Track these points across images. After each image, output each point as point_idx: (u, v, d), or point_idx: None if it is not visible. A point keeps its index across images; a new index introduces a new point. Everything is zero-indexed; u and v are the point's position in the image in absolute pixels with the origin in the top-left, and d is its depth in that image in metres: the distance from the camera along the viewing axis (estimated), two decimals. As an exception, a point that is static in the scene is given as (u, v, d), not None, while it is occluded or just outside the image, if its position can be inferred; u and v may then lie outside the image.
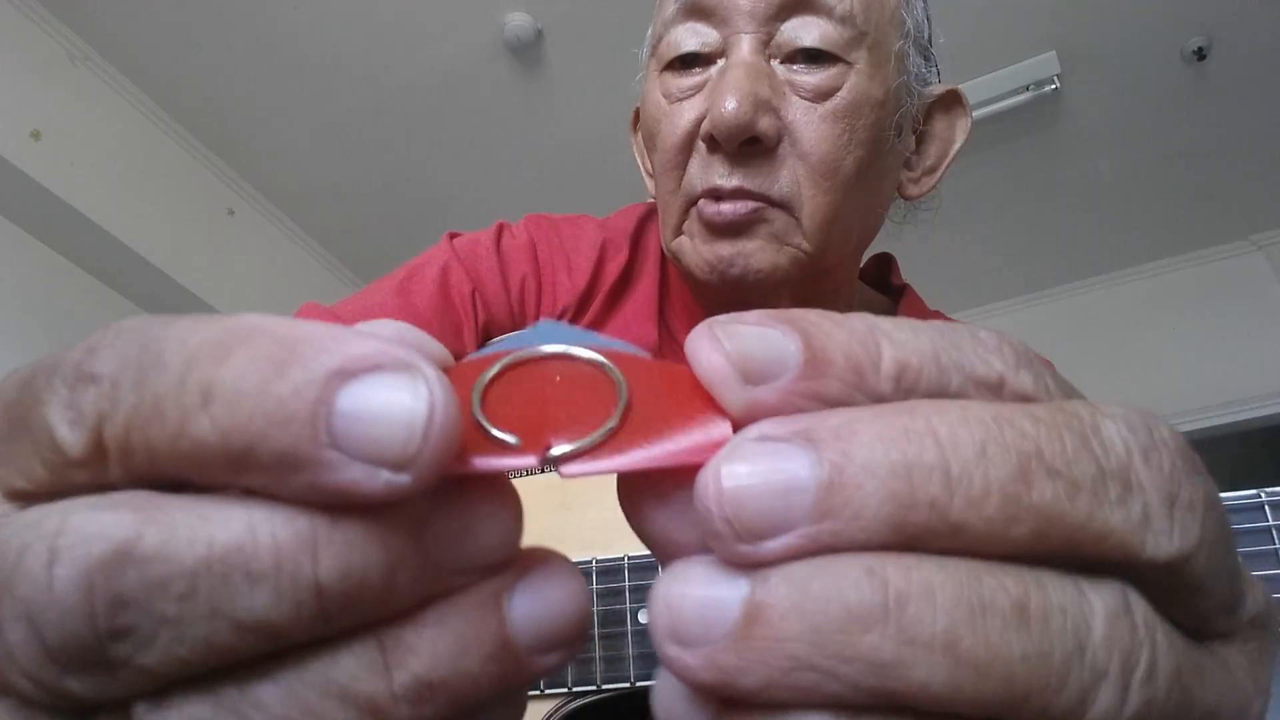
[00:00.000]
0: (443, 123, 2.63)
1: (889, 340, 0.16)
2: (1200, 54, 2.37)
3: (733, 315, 0.17)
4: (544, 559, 0.17)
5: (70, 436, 0.15)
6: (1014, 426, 0.15)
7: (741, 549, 0.14)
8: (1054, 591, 0.14)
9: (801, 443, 0.15)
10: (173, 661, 0.14)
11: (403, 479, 0.14)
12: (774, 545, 0.14)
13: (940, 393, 0.16)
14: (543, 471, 0.61)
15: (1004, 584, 0.14)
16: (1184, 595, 0.16)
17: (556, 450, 0.16)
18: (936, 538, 0.14)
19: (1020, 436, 0.15)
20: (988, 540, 0.14)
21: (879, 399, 0.16)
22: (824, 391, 0.15)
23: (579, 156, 2.75)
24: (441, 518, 0.15)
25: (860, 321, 0.16)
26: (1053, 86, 2.41)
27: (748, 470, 0.15)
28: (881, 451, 0.14)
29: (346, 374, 0.14)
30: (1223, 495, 0.37)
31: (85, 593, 0.13)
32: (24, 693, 0.14)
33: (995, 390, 0.16)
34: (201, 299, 2.63)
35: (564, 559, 0.17)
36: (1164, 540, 0.15)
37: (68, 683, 0.14)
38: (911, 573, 0.14)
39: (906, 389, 0.16)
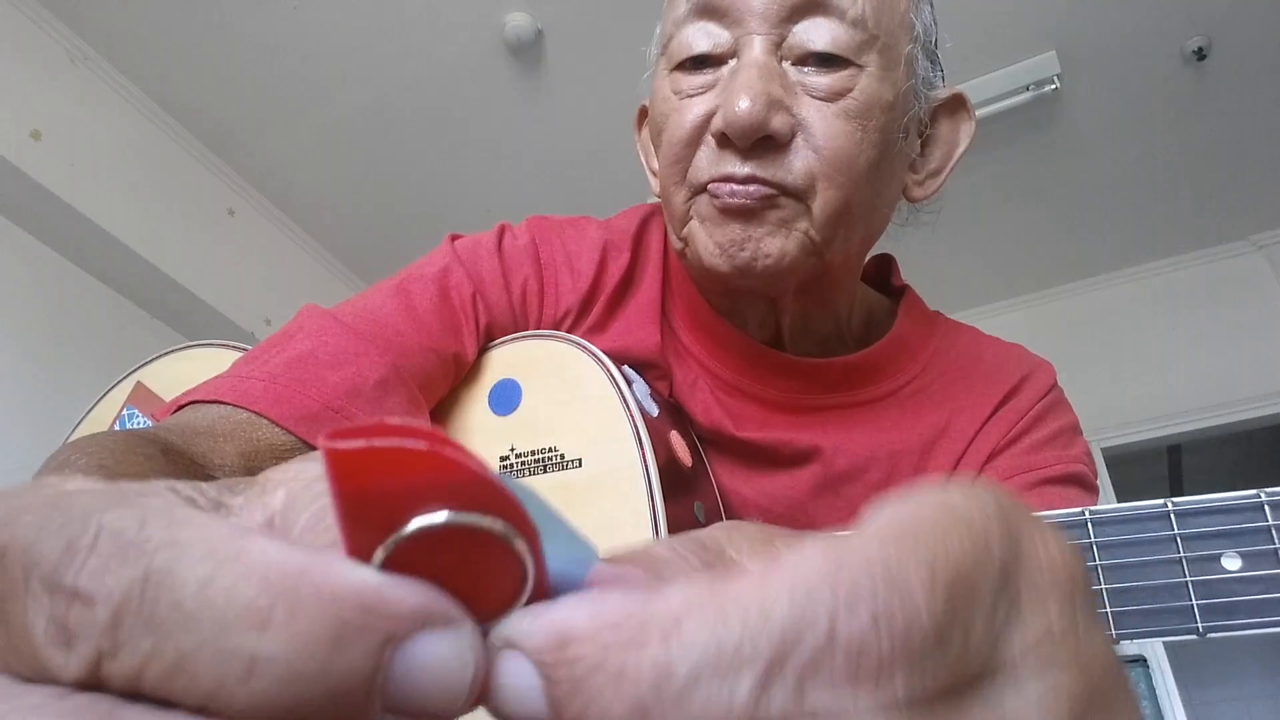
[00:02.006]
0: (443, 123, 2.63)
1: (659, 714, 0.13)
2: (1200, 54, 2.37)
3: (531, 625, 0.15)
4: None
5: (60, 659, 0.14)
6: None
7: None
8: None
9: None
10: None
11: None
12: None
13: None
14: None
15: None
16: None
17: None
18: None
19: None
20: None
21: None
22: None
23: (579, 156, 2.75)
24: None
25: (630, 689, 0.13)
26: (1053, 86, 2.41)
27: None
28: None
29: (399, 639, 0.14)
30: (1223, 495, 0.38)
31: None
32: None
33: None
34: (201, 299, 2.63)
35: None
36: None
37: None
38: None
39: None
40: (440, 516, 0.14)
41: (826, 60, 0.56)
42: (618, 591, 0.15)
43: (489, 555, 0.15)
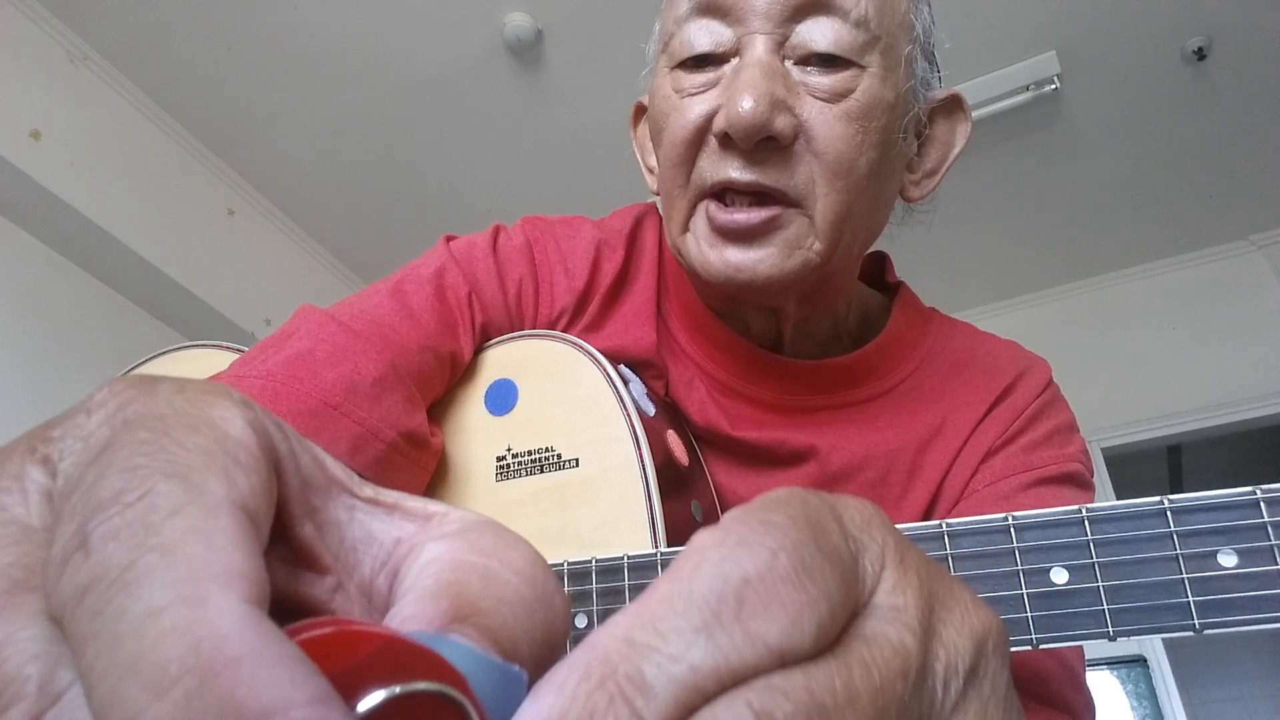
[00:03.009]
0: (442, 122, 2.63)
1: (650, 711, 0.14)
2: (1200, 54, 2.37)
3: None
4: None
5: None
6: None
7: None
8: None
9: None
10: None
11: None
12: None
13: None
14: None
15: None
16: None
17: None
18: None
19: None
20: None
21: None
22: None
23: (579, 156, 2.76)
24: None
25: (624, 706, 0.14)
26: (1053, 86, 2.41)
27: None
28: None
29: None
30: (1219, 492, 0.37)
31: None
32: None
33: (783, 662, 0.15)
34: (201, 299, 2.63)
35: None
36: None
37: None
38: None
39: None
40: (378, 696, 0.14)
41: (829, 61, 0.55)
42: (554, 670, 0.15)
43: (435, 711, 0.15)
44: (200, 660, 0.12)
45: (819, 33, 0.55)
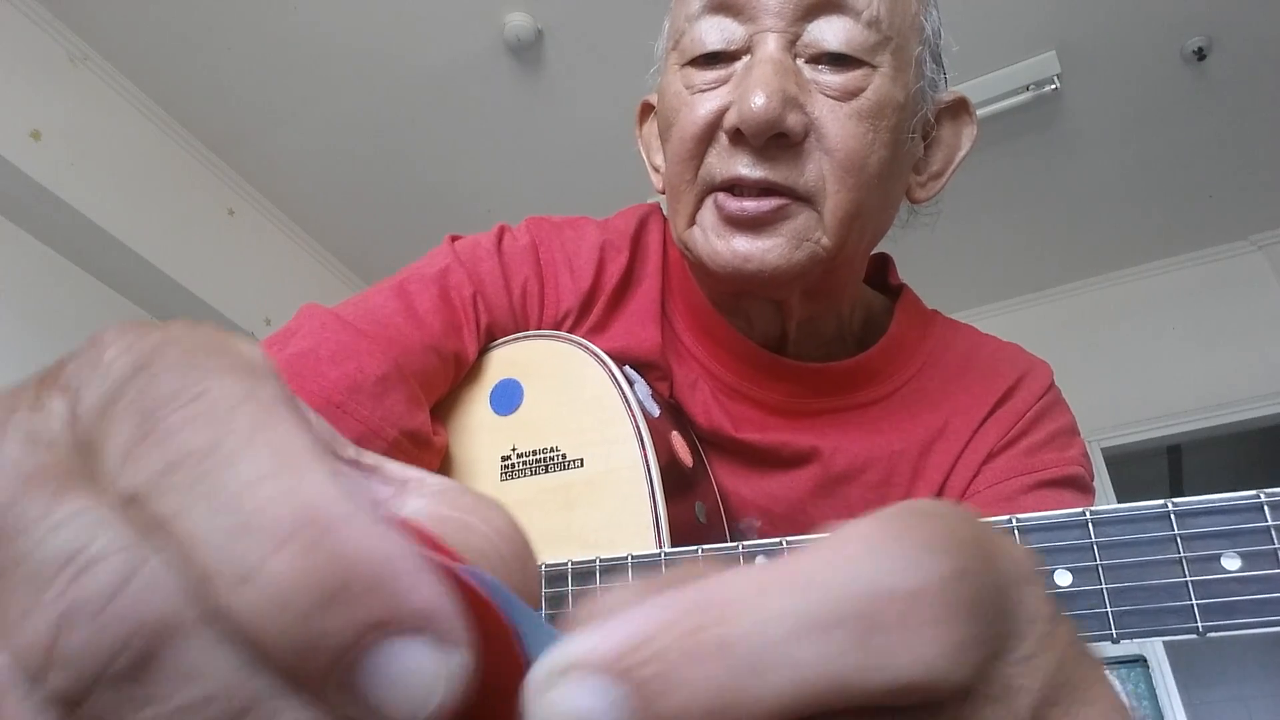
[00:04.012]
0: (443, 123, 2.63)
1: (767, 685, 0.13)
2: (1200, 54, 2.37)
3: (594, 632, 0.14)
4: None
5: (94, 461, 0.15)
6: None
7: None
8: None
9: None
10: None
11: None
12: None
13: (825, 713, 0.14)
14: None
15: None
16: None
17: None
18: None
19: None
20: None
21: None
22: None
23: (579, 156, 2.76)
24: None
25: (717, 666, 0.13)
26: (1053, 86, 2.41)
27: None
28: None
29: (389, 631, 0.13)
30: (1223, 495, 0.38)
31: (126, 634, 0.13)
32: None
33: (896, 699, 0.14)
34: (201, 299, 2.63)
35: None
36: None
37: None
38: None
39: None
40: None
41: (840, 60, 0.56)
42: (667, 591, 0.15)
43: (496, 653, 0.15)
44: (312, 518, 0.13)
45: (831, 32, 0.55)
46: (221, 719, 0.13)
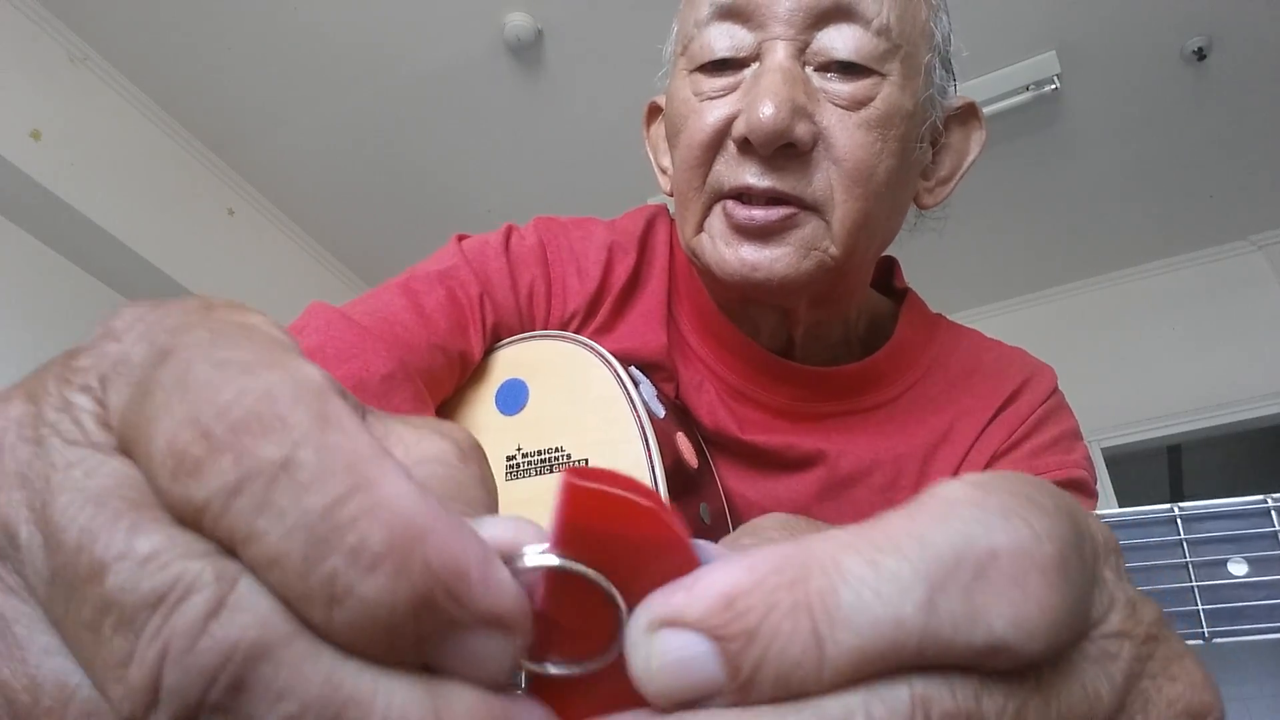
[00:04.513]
0: (443, 123, 2.63)
1: (833, 642, 0.14)
2: (1200, 54, 2.37)
3: (676, 588, 0.15)
4: None
5: (178, 488, 0.15)
6: None
7: None
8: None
9: None
10: None
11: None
12: None
13: (906, 669, 0.14)
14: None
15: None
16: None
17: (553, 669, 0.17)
18: None
19: None
20: None
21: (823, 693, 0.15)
22: (754, 708, 0.15)
23: (579, 156, 2.75)
24: None
25: (805, 619, 0.14)
26: (1053, 86, 2.41)
27: None
28: None
29: (461, 629, 0.15)
30: (1229, 500, 0.38)
31: (221, 661, 0.13)
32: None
33: (978, 660, 0.14)
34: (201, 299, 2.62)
35: None
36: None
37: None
38: None
39: (858, 682, 0.14)
40: (533, 560, 0.16)
41: (850, 68, 0.55)
42: (755, 552, 0.15)
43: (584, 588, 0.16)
44: (398, 537, 0.14)
45: (840, 40, 0.55)
46: None
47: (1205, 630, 0.36)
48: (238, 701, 0.13)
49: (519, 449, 0.63)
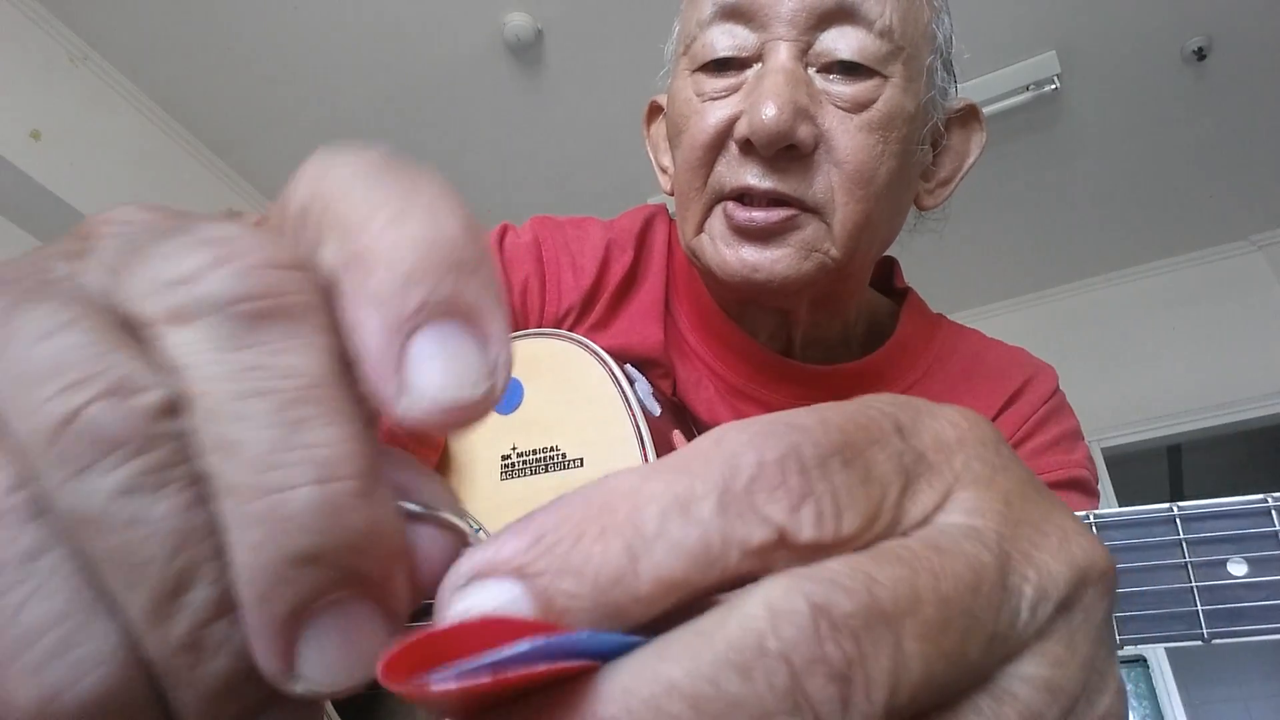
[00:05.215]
0: (442, 122, 2.63)
1: (646, 559, 0.14)
2: (1200, 54, 2.37)
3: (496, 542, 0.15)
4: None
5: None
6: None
7: None
8: None
9: None
10: None
11: None
12: None
13: (722, 586, 0.15)
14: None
15: None
16: None
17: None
18: None
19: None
20: None
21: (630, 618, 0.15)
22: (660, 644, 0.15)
23: (579, 156, 2.75)
24: None
25: (616, 539, 0.15)
26: (1053, 86, 2.41)
27: None
28: None
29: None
30: (1229, 500, 0.37)
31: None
32: None
33: (772, 552, 0.15)
34: (201, 299, 2.63)
35: None
36: None
37: None
38: None
39: (678, 606, 0.15)
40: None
41: (852, 69, 0.55)
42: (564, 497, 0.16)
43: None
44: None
45: (843, 41, 0.55)
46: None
47: (1205, 632, 0.36)
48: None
49: (514, 448, 0.63)
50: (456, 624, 0.14)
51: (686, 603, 0.15)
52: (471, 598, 0.15)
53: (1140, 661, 2.74)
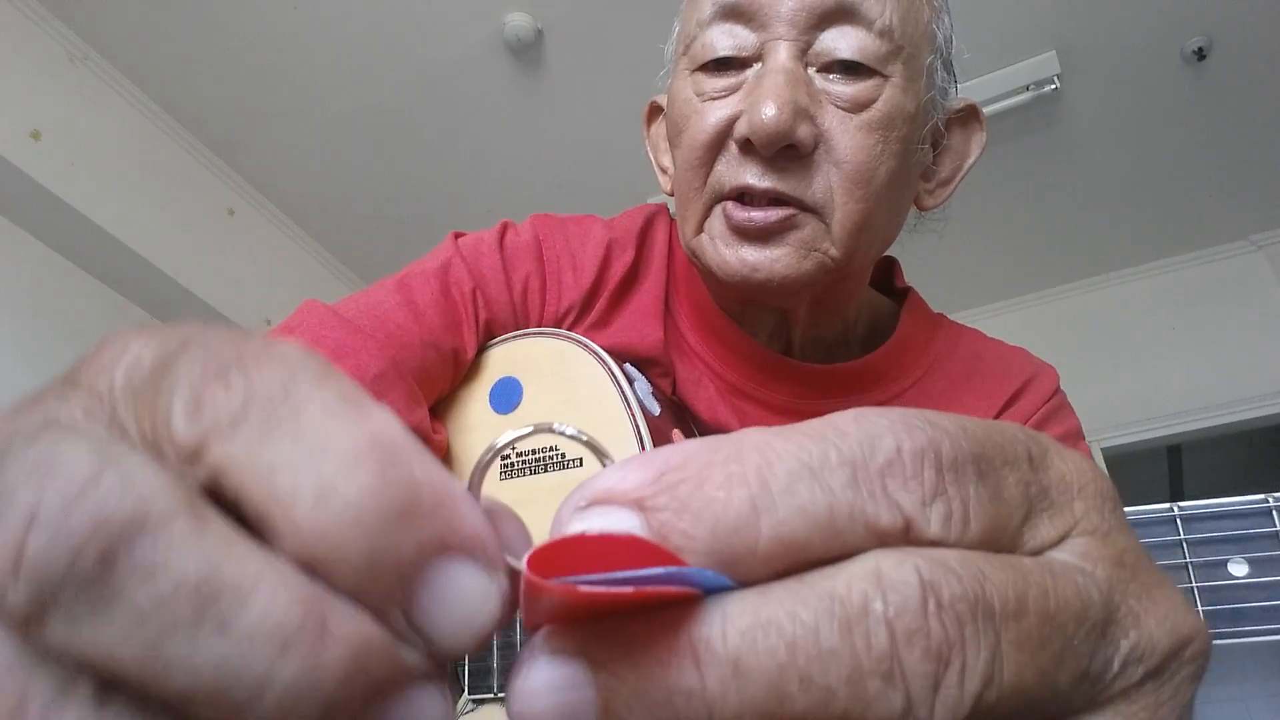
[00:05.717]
0: (443, 123, 2.63)
1: (769, 515, 0.14)
2: (1200, 54, 2.36)
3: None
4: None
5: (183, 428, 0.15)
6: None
7: None
8: None
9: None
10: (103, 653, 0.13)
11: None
12: None
13: (831, 557, 0.15)
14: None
15: None
16: None
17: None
18: None
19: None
20: None
21: (756, 580, 0.15)
22: (767, 586, 0.15)
23: (579, 156, 2.75)
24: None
25: (741, 489, 0.14)
26: (1053, 86, 2.41)
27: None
28: None
29: (448, 550, 0.15)
30: (1230, 500, 0.37)
31: (90, 531, 0.13)
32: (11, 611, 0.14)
33: (894, 538, 0.15)
34: (201, 299, 2.62)
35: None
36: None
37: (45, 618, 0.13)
38: None
39: (787, 567, 0.15)
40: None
41: (852, 69, 0.55)
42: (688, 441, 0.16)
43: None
44: (384, 446, 0.15)
45: (843, 41, 0.55)
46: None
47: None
48: (106, 576, 0.13)
49: (513, 448, 0.63)
50: (606, 534, 0.15)
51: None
52: (590, 520, 0.15)
53: (1140, 661, 2.73)
